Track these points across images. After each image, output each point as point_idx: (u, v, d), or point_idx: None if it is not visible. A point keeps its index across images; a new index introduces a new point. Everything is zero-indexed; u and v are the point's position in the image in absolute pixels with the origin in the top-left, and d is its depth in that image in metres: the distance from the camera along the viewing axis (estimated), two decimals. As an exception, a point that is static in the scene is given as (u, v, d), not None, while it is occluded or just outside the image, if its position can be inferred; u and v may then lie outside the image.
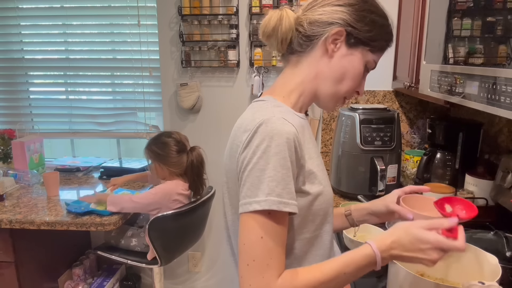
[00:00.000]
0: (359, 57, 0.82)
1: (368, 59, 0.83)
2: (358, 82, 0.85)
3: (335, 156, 1.86)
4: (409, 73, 1.72)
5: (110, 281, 2.27)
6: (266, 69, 2.22)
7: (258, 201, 0.70)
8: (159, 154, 1.87)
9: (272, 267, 0.70)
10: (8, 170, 2.22)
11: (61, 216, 1.73)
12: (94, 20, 2.42)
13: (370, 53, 0.82)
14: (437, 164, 1.70)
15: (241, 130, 0.78)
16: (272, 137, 0.72)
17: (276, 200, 0.70)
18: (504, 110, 0.87)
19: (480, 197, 1.48)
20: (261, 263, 0.70)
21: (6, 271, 1.81)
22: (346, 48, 0.81)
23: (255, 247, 0.71)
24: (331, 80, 0.83)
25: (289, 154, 0.72)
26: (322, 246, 0.85)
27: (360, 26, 0.80)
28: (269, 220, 0.71)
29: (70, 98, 2.55)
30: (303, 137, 0.81)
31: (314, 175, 0.81)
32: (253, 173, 0.72)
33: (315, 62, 0.83)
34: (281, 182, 0.71)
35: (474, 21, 1.08)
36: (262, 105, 0.82)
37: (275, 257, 0.71)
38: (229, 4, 2.17)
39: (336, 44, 0.81)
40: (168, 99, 2.36)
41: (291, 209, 0.72)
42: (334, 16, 0.80)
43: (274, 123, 0.73)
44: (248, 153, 0.73)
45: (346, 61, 0.81)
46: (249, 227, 0.72)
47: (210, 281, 2.58)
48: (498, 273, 0.81)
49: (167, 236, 1.88)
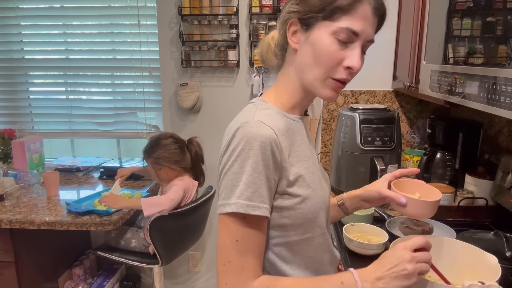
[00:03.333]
0: (318, 33, 0.77)
1: (333, 29, 0.75)
2: (334, 57, 0.76)
3: (335, 156, 1.85)
4: (409, 73, 1.72)
5: (110, 281, 2.27)
6: (266, 69, 2.22)
7: (230, 203, 0.73)
8: (166, 157, 1.88)
9: (247, 269, 0.73)
10: (8, 170, 2.23)
11: (61, 216, 1.73)
12: (94, 20, 2.42)
13: (331, 22, 0.75)
14: (437, 164, 1.70)
15: (226, 133, 0.80)
16: (246, 140, 0.73)
17: (245, 203, 0.72)
18: (504, 110, 0.87)
19: (480, 197, 1.48)
20: (236, 265, 0.73)
21: (6, 271, 1.81)
22: (304, 33, 0.80)
23: (230, 249, 0.73)
24: (305, 69, 0.81)
25: (262, 158, 0.72)
26: (312, 249, 0.85)
27: (303, 6, 0.79)
28: (244, 223, 0.73)
29: (70, 98, 2.55)
30: (288, 139, 0.81)
31: (302, 178, 0.80)
32: (227, 176, 0.74)
33: (290, 60, 0.85)
34: (251, 186, 0.72)
35: (474, 21, 1.08)
36: (248, 108, 0.84)
37: (250, 260, 0.74)
38: (229, 4, 2.17)
39: (296, 35, 0.82)
40: (168, 99, 2.36)
41: (260, 212, 0.73)
42: (284, 13, 0.83)
43: (251, 126, 0.74)
44: (226, 157, 0.75)
45: (309, 44, 0.79)
46: (225, 229, 0.74)
47: (210, 281, 2.58)
48: (498, 273, 0.81)
49: (168, 236, 1.88)
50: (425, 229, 1.23)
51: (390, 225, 1.40)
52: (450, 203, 1.53)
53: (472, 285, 0.76)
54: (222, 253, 0.74)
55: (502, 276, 0.81)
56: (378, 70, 2.14)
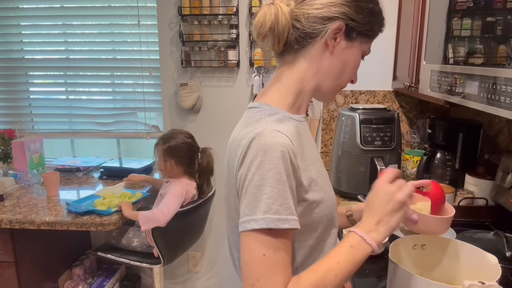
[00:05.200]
0: (358, 48, 0.80)
1: (365, 49, 0.82)
2: (356, 72, 0.84)
3: (335, 156, 1.85)
4: (409, 73, 1.72)
5: (110, 281, 2.27)
6: (266, 69, 2.22)
7: (256, 219, 0.68)
8: (178, 152, 1.89)
9: (278, 283, 0.67)
10: (8, 170, 2.23)
11: (61, 216, 1.73)
12: (94, 20, 2.42)
13: (367, 43, 0.82)
14: (437, 164, 1.70)
15: (236, 143, 0.76)
16: (265, 151, 0.69)
17: (274, 218, 0.67)
18: (504, 110, 0.87)
19: (480, 197, 1.48)
20: (267, 281, 0.67)
21: (6, 271, 1.81)
22: (346, 42, 0.78)
23: (258, 265, 0.68)
24: (333, 75, 0.81)
25: (284, 168, 0.69)
26: (327, 251, 0.84)
27: (360, 18, 0.77)
28: (270, 237, 0.68)
29: (70, 98, 2.55)
30: (300, 143, 0.78)
31: (315, 182, 0.79)
32: (249, 190, 0.70)
33: (315, 58, 0.79)
34: (278, 199, 0.68)
35: (474, 21, 1.08)
36: (256, 114, 0.78)
37: (281, 272, 0.68)
38: (229, 4, 2.17)
39: (336, 39, 0.77)
40: (168, 99, 2.36)
41: (290, 225, 0.69)
42: (333, 9, 0.75)
43: (266, 136, 0.70)
44: (243, 170, 0.71)
45: (346, 54, 0.79)
46: (250, 246, 0.69)
47: (210, 281, 2.58)
48: (498, 273, 0.81)
49: (171, 235, 1.89)
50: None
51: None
52: (450, 203, 1.52)
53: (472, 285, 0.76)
54: (249, 272, 0.69)
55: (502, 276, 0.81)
56: (378, 70, 2.14)
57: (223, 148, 0.86)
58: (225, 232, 0.90)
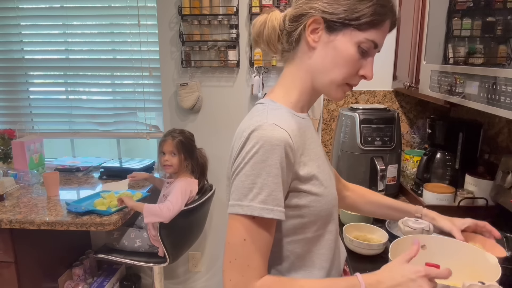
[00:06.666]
0: (344, 40, 0.77)
1: (359, 39, 0.77)
2: (355, 65, 0.79)
3: (335, 156, 1.86)
4: (409, 73, 1.72)
5: (110, 281, 2.27)
6: (266, 69, 2.22)
7: (241, 205, 0.73)
8: (187, 149, 1.94)
9: (252, 268, 0.73)
10: (8, 170, 2.23)
11: (61, 216, 1.73)
12: (94, 20, 2.42)
13: (359, 32, 0.77)
14: (437, 164, 1.70)
15: (238, 135, 0.79)
16: (261, 143, 0.72)
17: (258, 206, 0.72)
18: (504, 110, 0.87)
19: (480, 197, 1.48)
20: (242, 263, 0.73)
21: (6, 271, 1.81)
22: (328, 35, 0.78)
23: (237, 247, 0.74)
24: (322, 71, 0.81)
25: (279, 161, 0.72)
26: (325, 245, 0.86)
27: (335, 9, 0.76)
28: (253, 224, 0.73)
29: (70, 98, 2.55)
30: (301, 139, 0.80)
31: (316, 177, 0.81)
32: (239, 177, 0.74)
33: (303, 57, 0.82)
34: (265, 189, 0.72)
35: (474, 21, 1.08)
36: (260, 108, 0.82)
37: (256, 260, 0.74)
38: (229, 4, 2.17)
39: (317, 34, 0.79)
40: (168, 99, 2.36)
41: (275, 215, 0.73)
42: (305, 6, 0.79)
43: (265, 129, 0.74)
44: (239, 159, 0.75)
45: (330, 48, 0.78)
46: (234, 228, 0.74)
47: (210, 281, 2.58)
48: (498, 273, 0.81)
49: (177, 233, 1.92)
50: (425, 228, 1.23)
51: (390, 225, 1.40)
52: (450, 203, 1.53)
53: (472, 285, 0.76)
54: (230, 250, 0.75)
55: (502, 276, 0.81)
56: (378, 70, 2.12)
57: (223, 148, 0.87)
58: (225, 232, 0.90)
